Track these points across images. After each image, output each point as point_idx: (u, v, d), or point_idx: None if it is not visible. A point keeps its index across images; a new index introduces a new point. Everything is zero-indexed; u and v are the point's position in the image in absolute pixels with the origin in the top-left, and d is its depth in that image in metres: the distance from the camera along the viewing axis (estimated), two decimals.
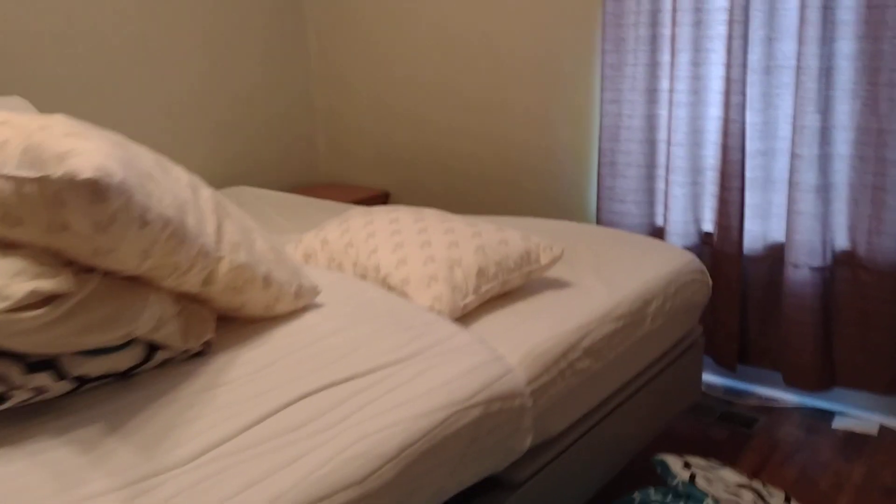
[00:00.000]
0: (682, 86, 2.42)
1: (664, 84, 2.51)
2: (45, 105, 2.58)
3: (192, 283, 1.15)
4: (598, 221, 2.69)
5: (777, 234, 2.42)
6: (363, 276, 1.66)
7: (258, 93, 3.26)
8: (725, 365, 2.53)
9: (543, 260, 1.73)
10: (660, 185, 2.59)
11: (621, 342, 1.70)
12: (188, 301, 1.21)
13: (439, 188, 3.21)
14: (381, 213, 1.79)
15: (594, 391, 1.65)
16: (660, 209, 2.61)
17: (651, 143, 2.56)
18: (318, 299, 1.45)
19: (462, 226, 1.73)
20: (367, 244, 1.68)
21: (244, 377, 1.18)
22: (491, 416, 1.29)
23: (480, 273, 1.62)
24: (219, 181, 3.15)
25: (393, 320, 1.40)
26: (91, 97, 2.70)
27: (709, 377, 2.66)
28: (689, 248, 2.54)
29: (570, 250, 2.01)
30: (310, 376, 1.19)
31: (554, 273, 1.85)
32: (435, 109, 3.13)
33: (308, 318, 1.36)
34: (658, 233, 2.62)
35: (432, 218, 1.75)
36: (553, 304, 1.68)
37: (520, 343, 1.49)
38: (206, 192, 1.24)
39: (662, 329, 1.87)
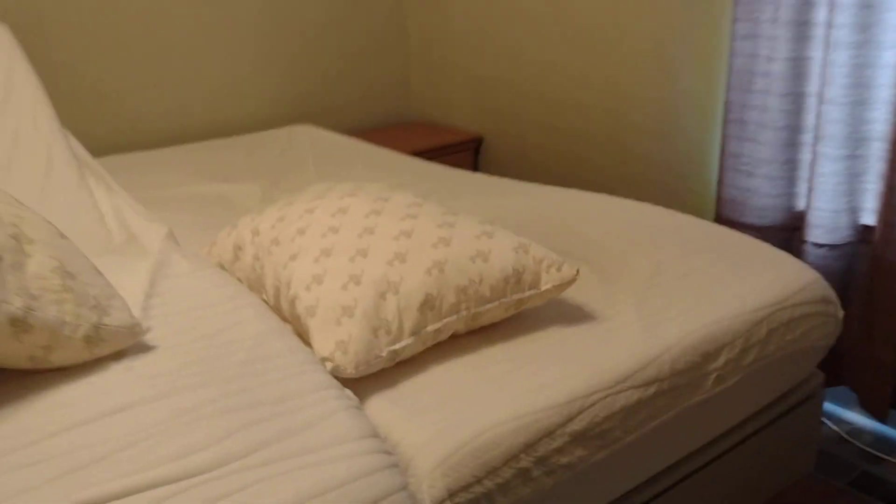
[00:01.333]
0: (846, 18, 1.67)
1: (820, 15, 1.76)
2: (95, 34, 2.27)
3: None
4: (720, 199, 2.01)
5: None
6: (277, 294, 1.18)
7: (344, 17, 2.79)
8: (873, 410, 1.83)
9: (545, 284, 1.17)
10: (804, 155, 1.87)
11: (651, 418, 1.12)
12: None
13: (536, 136, 2.61)
14: (336, 194, 1.29)
15: (589, 492, 1.09)
16: (802, 189, 1.90)
17: (796, 98, 1.83)
18: (154, 339, 0.99)
19: (431, 226, 1.19)
20: (292, 244, 1.20)
21: None
22: None
23: (427, 304, 1.09)
24: (294, 116, 2.76)
25: (237, 387, 0.92)
26: (141, 23, 2.37)
27: (855, 418, 1.95)
28: (839, 247, 1.82)
29: (622, 256, 1.41)
30: (16, 498, 0.75)
31: (580, 294, 1.28)
32: (538, 43, 2.51)
33: (101, 378, 0.90)
34: (797, 220, 1.91)
35: (394, 210, 1.22)
36: (548, 352, 1.12)
37: (458, 425, 0.97)
38: None
39: (737, 391, 1.25)
